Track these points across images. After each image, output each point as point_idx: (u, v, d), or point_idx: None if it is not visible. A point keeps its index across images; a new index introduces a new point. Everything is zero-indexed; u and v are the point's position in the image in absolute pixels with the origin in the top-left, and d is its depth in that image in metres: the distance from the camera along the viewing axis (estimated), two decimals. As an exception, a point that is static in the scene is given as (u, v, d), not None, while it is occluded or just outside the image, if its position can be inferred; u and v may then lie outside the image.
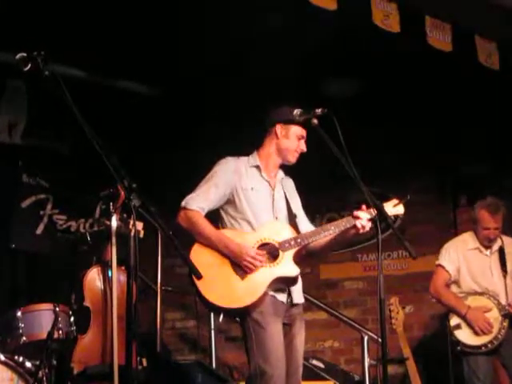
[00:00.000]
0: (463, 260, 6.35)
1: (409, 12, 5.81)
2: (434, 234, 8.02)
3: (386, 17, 5.72)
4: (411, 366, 6.25)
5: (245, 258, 4.42)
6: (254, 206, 4.62)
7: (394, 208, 4.64)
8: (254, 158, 4.77)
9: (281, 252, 4.51)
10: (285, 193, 4.80)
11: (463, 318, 6.15)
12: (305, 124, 4.64)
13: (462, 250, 6.39)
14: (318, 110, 4.39)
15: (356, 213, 4.55)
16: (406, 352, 6.28)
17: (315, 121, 4.40)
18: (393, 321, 6.32)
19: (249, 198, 4.62)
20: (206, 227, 4.53)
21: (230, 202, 4.64)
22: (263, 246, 4.53)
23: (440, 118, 7.45)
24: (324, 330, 8.12)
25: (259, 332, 4.41)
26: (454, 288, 6.39)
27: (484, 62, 6.21)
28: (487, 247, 6.32)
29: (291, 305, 4.60)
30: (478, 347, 6.10)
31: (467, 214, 7.99)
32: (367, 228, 4.54)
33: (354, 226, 4.57)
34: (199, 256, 4.43)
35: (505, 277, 6.26)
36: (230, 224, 4.64)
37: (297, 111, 4.55)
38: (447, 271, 6.34)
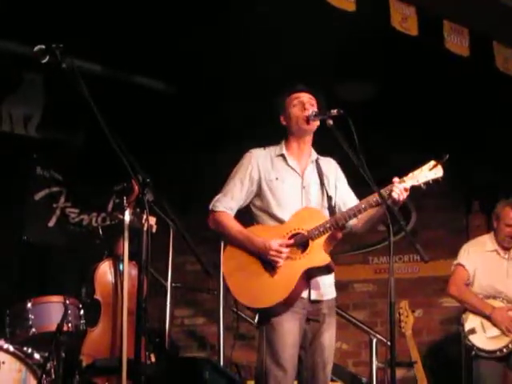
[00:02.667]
0: (481, 261, 6.27)
1: (427, 15, 5.81)
2: (446, 239, 8.01)
3: (405, 20, 5.71)
4: (419, 369, 6.24)
5: (269, 252, 4.27)
6: (280, 196, 4.47)
7: (430, 172, 4.36)
8: (280, 147, 4.62)
9: (310, 241, 4.32)
10: (320, 175, 4.60)
11: (488, 318, 6.06)
12: (296, 89, 4.59)
13: (481, 251, 6.31)
14: (334, 111, 4.35)
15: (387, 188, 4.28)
16: (415, 356, 6.26)
17: (330, 121, 4.34)
18: (402, 324, 6.30)
19: (273, 189, 4.48)
20: (233, 227, 4.44)
21: (258, 194, 4.53)
22: (293, 236, 4.35)
23: (454, 123, 7.42)
24: (333, 331, 8.10)
25: (270, 330, 4.32)
26: None
27: (501, 68, 6.20)
28: (506, 249, 6.28)
29: (311, 301, 4.41)
30: (493, 352, 6.03)
31: (479, 220, 8.01)
32: (404, 195, 4.27)
33: (388, 198, 4.24)
34: (230, 259, 4.42)
35: None
36: (258, 217, 4.52)
37: (312, 111, 4.50)
38: (467, 270, 6.26)
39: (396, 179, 4.34)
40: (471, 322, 6.14)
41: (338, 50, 6.32)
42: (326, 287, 4.49)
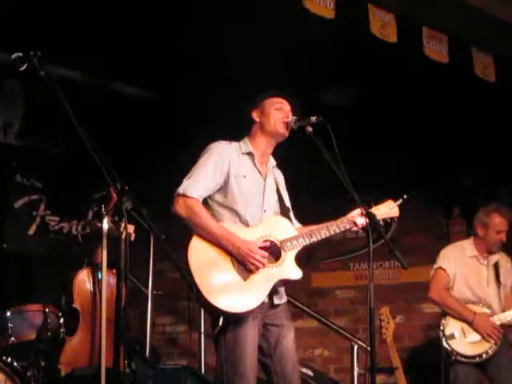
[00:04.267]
0: (461, 266, 6.27)
1: (406, 22, 5.83)
2: (427, 245, 8.03)
3: (384, 26, 5.73)
4: (400, 375, 6.24)
5: (252, 256, 4.17)
6: (246, 195, 4.39)
7: (391, 210, 4.59)
8: (246, 145, 4.55)
9: (283, 252, 4.30)
10: (276, 184, 4.60)
11: (470, 323, 6.06)
12: (280, 94, 4.59)
13: (461, 257, 6.31)
14: (313, 118, 4.36)
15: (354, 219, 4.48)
16: (396, 362, 6.26)
17: (310, 128, 4.36)
18: (383, 330, 6.30)
19: (241, 187, 4.39)
20: (209, 220, 4.25)
21: (221, 189, 4.39)
22: (264, 243, 4.30)
23: (433, 128, 7.45)
24: (314, 338, 8.12)
25: (230, 337, 4.20)
26: None
27: (480, 74, 6.23)
28: (485, 256, 6.28)
29: (271, 305, 4.37)
30: (473, 357, 6.03)
31: (460, 225, 8.04)
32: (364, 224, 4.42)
33: (354, 225, 4.49)
34: (199, 250, 4.21)
35: (499, 287, 6.23)
36: (216, 212, 4.37)
37: (291, 118, 4.50)
38: (448, 274, 6.26)
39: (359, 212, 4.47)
40: (451, 327, 6.14)
41: (316, 56, 6.33)
42: (281, 292, 4.47)
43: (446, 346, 6.07)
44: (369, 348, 4.09)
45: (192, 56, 6.61)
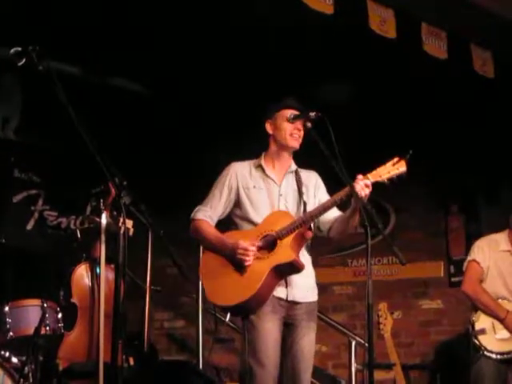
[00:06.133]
0: (494, 260, 6.08)
1: (405, 18, 5.83)
2: (425, 241, 8.04)
3: (383, 22, 5.73)
4: (398, 371, 6.25)
5: (237, 251, 4.38)
6: (256, 203, 4.59)
7: (394, 167, 4.46)
8: (259, 159, 4.74)
9: (278, 241, 4.42)
10: (298, 185, 4.68)
11: (501, 321, 5.93)
12: (291, 105, 4.63)
13: (495, 250, 6.11)
14: (312, 114, 4.42)
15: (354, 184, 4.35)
16: (393, 358, 6.27)
17: (309, 124, 4.42)
18: (381, 326, 6.29)
19: (250, 197, 4.61)
20: (210, 232, 4.59)
21: (237, 204, 4.64)
22: (264, 238, 4.47)
23: (432, 125, 7.45)
24: (312, 333, 8.10)
25: (251, 331, 4.40)
26: None
27: (479, 70, 6.23)
28: None
29: (289, 302, 4.47)
30: (501, 353, 5.90)
31: (458, 222, 8.04)
32: (366, 191, 4.35)
33: (352, 195, 4.33)
34: (207, 263, 4.59)
35: None
36: (239, 225, 4.65)
37: (290, 114, 4.56)
38: (481, 267, 6.06)
39: (360, 176, 4.42)
40: (482, 322, 5.98)
41: (314, 52, 6.34)
42: (304, 290, 4.55)
43: (475, 340, 5.92)
44: (367, 344, 4.12)
45: (192, 55, 6.61)
